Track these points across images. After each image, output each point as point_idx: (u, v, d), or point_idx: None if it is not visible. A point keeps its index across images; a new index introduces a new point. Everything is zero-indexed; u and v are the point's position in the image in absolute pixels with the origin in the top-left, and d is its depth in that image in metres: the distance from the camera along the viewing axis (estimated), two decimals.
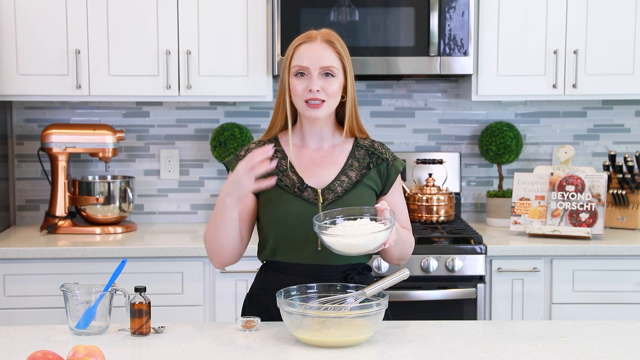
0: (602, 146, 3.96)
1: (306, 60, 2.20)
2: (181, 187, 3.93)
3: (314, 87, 2.18)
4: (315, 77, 2.19)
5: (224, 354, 1.93)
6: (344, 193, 2.24)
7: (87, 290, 2.09)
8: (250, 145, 2.33)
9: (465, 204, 3.97)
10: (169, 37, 3.50)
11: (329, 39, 2.23)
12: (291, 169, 2.26)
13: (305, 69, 2.20)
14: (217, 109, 3.90)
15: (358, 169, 2.28)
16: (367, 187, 2.27)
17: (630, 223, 3.67)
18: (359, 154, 2.30)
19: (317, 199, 2.22)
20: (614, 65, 3.55)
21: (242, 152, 2.32)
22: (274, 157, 2.24)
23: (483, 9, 3.52)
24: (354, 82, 2.28)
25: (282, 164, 2.27)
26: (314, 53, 2.20)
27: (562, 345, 2.01)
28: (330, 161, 2.28)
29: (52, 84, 3.50)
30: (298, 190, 2.23)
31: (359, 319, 1.97)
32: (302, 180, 2.25)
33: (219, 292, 3.32)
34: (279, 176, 2.25)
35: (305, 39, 2.24)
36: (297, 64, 2.21)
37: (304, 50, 2.22)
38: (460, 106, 3.94)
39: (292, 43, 2.27)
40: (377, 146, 2.33)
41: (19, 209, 3.89)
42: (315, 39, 2.23)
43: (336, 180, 2.25)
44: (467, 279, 3.31)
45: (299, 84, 2.21)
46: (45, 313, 3.25)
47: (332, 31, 2.28)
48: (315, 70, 2.19)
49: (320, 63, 2.20)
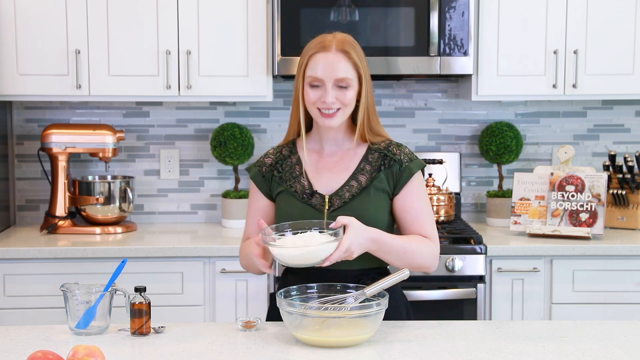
0: (602, 146, 3.96)
1: (320, 71, 2.16)
2: (181, 187, 3.93)
3: (328, 99, 2.16)
4: (329, 89, 2.16)
5: (224, 354, 1.93)
6: (351, 199, 2.22)
7: (87, 290, 2.09)
8: (269, 150, 2.36)
9: (465, 204, 3.97)
10: (169, 37, 3.50)
11: (344, 48, 2.18)
12: (303, 175, 2.26)
13: (319, 80, 2.17)
14: (217, 109, 3.90)
15: (369, 172, 2.25)
16: (379, 190, 2.24)
17: (630, 223, 3.67)
18: (372, 157, 2.27)
19: (324, 205, 2.22)
20: (614, 65, 3.55)
21: (261, 157, 2.36)
22: (288, 161, 2.29)
23: (483, 9, 3.52)
24: (371, 87, 2.24)
25: (295, 169, 2.27)
26: (328, 65, 2.16)
27: (562, 345, 2.01)
28: (342, 166, 2.27)
29: (52, 84, 3.50)
30: (306, 197, 2.23)
31: (359, 319, 1.97)
32: (311, 186, 2.24)
33: (219, 292, 3.33)
34: (289, 182, 2.25)
35: (319, 47, 2.18)
36: (311, 74, 2.17)
37: (318, 61, 2.17)
38: (460, 106, 3.94)
39: (307, 49, 2.22)
40: (392, 148, 2.28)
41: (19, 209, 3.89)
42: (329, 48, 2.17)
43: (345, 186, 2.24)
44: (467, 279, 3.31)
45: (313, 94, 2.18)
46: (45, 313, 3.25)
47: (347, 37, 2.22)
48: (329, 82, 2.16)
49: (335, 75, 2.16)
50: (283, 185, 2.26)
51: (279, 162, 2.30)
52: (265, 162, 2.32)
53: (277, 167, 2.29)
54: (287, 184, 2.26)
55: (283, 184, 2.26)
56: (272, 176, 2.29)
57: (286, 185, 2.26)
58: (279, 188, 2.27)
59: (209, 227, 3.78)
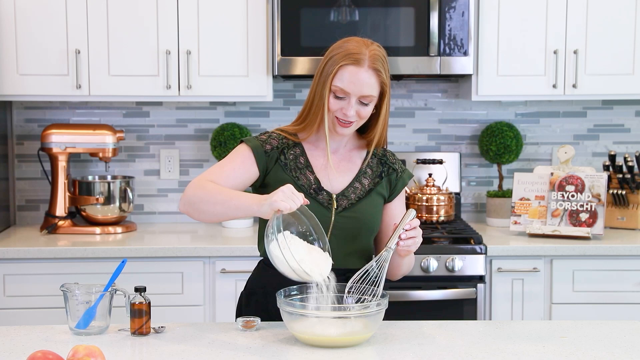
0: (602, 146, 3.96)
1: (348, 85, 2.15)
2: (181, 187, 3.93)
3: (349, 112, 2.16)
4: (352, 104, 2.16)
5: (224, 354, 1.93)
6: (357, 201, 2.25)
7: (87, 290, 2.09)
8: (271, 133, 2.28)
9: (465, 204, 3.97)
10: (169, 37, 3.50)
11: (376, 66, 2.16)
12: (308, 169, 2.26)
13: (345, 93, 2.16)
14: (217, 109, 3.90)
15: (371, 177, 2.29)
16: (379, 195, 2.29)
17: (630, 223, 3.67)
18: (372, 162, 2.31)
19: (331, 203, 2.22)
20: (614, 65, 3.55)
21: (262, 135, 2.28)
22: (292, 152, 2.25)
23: (483, 9, 3.52)
24: (390, 102, 2.25)
25: (299, 160, 2.26)
26: (358, 81, 2.15)
27: (562, 345, 2.01)
28: (346, 167, 2.29)
29: (52, 84, 3.50)
30: (314, 192, 2.23)
31: (359, 319, 1.97)
32: (318, 182, 2.24)
33: (219, 292, 3.32)
34: (295, 173, 2.24)
35: (351, 60, 2.16)
36: (339, 86, 2.16)
37: (348, 75, 2.15)
38: (460, 106, 3.94)
39: (337, 58, 2.17)
40: (388, 155, 2.34)
41: (19, 209, 3.89)
42: (362, 63, 2.15)
43: (350, 187, 2.26)
44: (467, 279, 3.31)
45: (335, 103, 2.18)
46: (45, 313, 3.25)
47: (380, 52, 2.21)
48: (354, 97, 2.16)
49: (362, 92, 2.15)
50: (287, 174, 2.24)
51: (285, 149, 2.26)
52: (270, 141, 2.26)
53: (283, 152, 2.26)
54: (293, 174, 2.24)
55: (288, 173, 2.24)
56: (277, 159, 2.24)
57: (292, 176, 2.23)
58: (281, 174, 2.23)
59: (209, 227, 3.78)
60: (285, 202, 1.96)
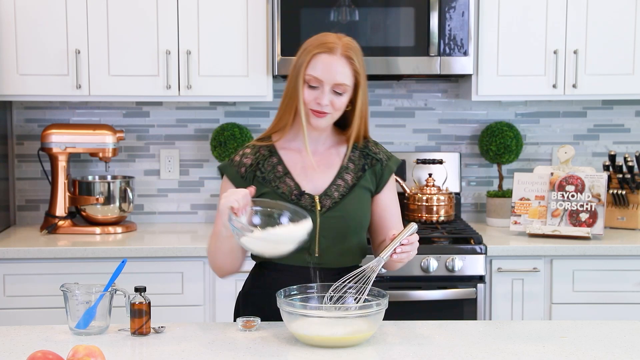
0: (602, 146, 3.96)
1: (321, 73, 2.15)
2: (181, 187, 3.93)
3: (323, 101, 2.16)
4: (326, 92, 2.16)
5: (224, 354, 1.93)
6: (341, 198, 2.23)
7: (87, 290, 2.09)
8: (245, 150, 2.29)
9: (465, 204, 3.97)
10: (169, 37, 3.50)
11: (348, 54, 2.17)
12: (287, 175, 2.24)
13: (318, 81, 2.16)
14: (217, 109, 3.90)
15: (354, 171, 2.27)
16: (364, 189, 2.27)
17: (630, 223, 3.67)
18: (354, 156, 2.29)
19: (315, 205, 2.21)
20: (614, 65, 3.55)
21: (236, 157, 2.28)
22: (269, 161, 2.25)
23: (483, 9, 3.52)
24: (367, 94, 2.24)
25: (277, 169, 2.25)
26: (331, 68, 2.15)
27: (562, 345, 2.01)
28: (326, 165, 2.27)
29: (52, 84, 3.50)
30: (295, 198, 2.22)
31: (359, 319, 1.97)
32: (299, 187, 2.23)
33: (219, 292, 3.33)
34: (275, 183, 2.23)
35: (324, 48, 2.16)
36: (312, 74, 2.16)
37: (321, 63, 2.16)
38: (460, 106, 3.94)
39: (309, 47, 2.19)
40: (370, 146, 2.31)
41: (19, 209, 3.90)
42: (335, 51, 2.16)
43: (332, 185, 2.24)
44: (467, 279, 3.31)
45: (309, 94, 2.17)
46: (45, 313, 3.25)
47: (352, 42, 2.21)
48: (328, 85, 2.16)
49: (335, 80, 2.15)
50: (267, 186, 2.23)
51: (260, 163, 2.26)
52: (243, 162, 2.26)
53: (259, 167, 2.25)
54: (272, 185, 2.23)
55: (267, 185, 2.23)
56: (254, 176, 2.24)
57: (271, 187, 2.23)
58: (262, 189, 2.23)
59: (209, 227, 3.78)
60: (226, 200, 2.00)
